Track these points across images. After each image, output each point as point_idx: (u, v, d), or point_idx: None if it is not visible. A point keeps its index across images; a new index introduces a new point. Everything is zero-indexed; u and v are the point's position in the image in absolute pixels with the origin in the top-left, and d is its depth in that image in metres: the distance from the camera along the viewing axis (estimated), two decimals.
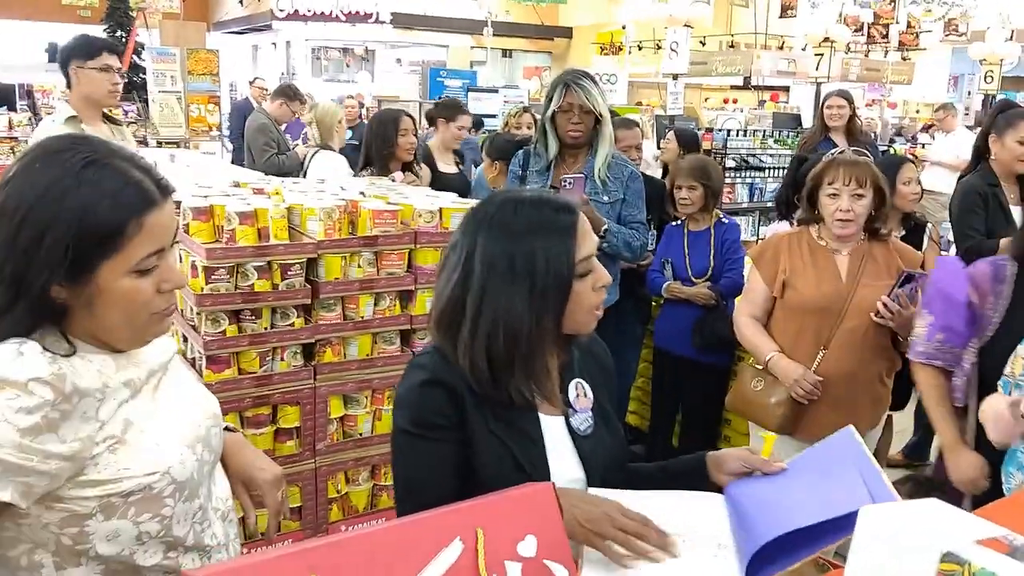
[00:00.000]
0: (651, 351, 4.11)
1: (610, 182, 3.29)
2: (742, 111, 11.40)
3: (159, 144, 9.59)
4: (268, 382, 2.63)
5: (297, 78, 17.44)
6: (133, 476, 1.20)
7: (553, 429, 1.52)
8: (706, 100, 16.18)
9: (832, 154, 2.93)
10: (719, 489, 1.49)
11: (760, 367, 2.88)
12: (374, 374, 2.79)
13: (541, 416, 1.51)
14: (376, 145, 4.37)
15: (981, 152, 3.91)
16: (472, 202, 3.03)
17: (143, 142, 8.97)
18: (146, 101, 11.01)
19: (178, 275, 1.28)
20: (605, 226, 3.21)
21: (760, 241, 3.35)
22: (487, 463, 1.43)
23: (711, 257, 3.77)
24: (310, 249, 2.66)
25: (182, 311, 2.72)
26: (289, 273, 2.64)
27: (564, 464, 1.49)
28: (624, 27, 12.30)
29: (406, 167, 4.44)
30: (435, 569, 0.90)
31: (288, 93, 6.36)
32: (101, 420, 1.20)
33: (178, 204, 2.76)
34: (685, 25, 8.68)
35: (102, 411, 1.20)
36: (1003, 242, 3.24)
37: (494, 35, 16.07)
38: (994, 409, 2.02)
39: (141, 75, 12.48)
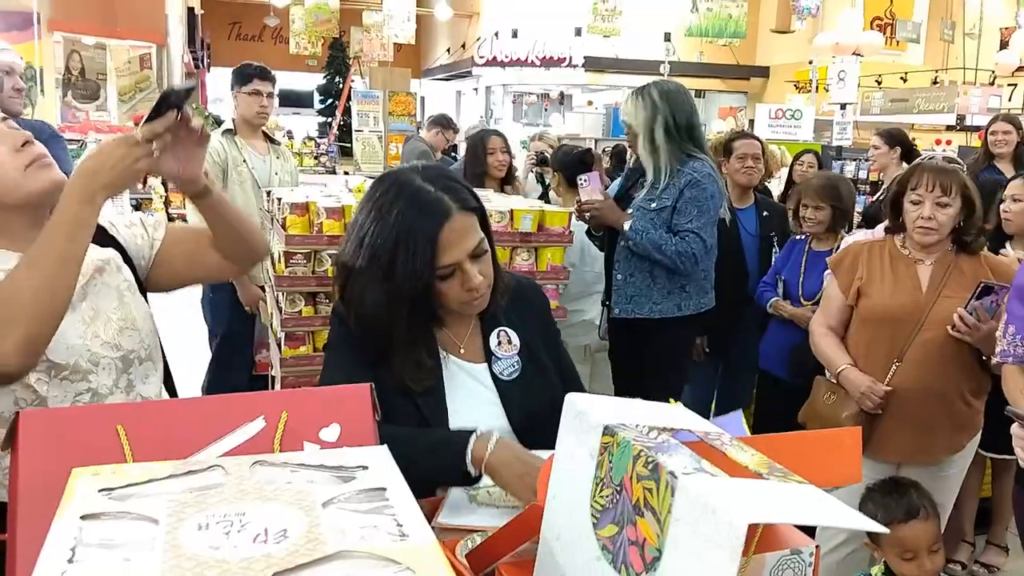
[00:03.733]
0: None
1: (663, 190, 3.22)
2: (943, 150, 10.65)
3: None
4: None
5: (501, 121, 18.26)
6: None
7: (475, 376, 1.59)
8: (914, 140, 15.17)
9: (923, 159, 2.78)
10: None
11: (833, 380, 2.75)
12: None
13: (464, 363, 1.59)
14: (470, 165, 4.45)
15: None
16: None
17: (331, 171, 9.85)
18: (350, 139, 12.03)
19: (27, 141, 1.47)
20: (627, 223, 3.21)
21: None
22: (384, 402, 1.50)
23: None
24: None
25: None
26: None
27: (485, 410, 1.55)
28: (811, 61, 11.87)
29: (505, 183, 4.46)
30: (233, 439, 1.01)
31: (443, 122, 6.77)
32: None
33: (279, 200, 3.08)
34: (854, 53, 8.28)
35: None
36: None
37: (687, 76, 16.00)
38: None
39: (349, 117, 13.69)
